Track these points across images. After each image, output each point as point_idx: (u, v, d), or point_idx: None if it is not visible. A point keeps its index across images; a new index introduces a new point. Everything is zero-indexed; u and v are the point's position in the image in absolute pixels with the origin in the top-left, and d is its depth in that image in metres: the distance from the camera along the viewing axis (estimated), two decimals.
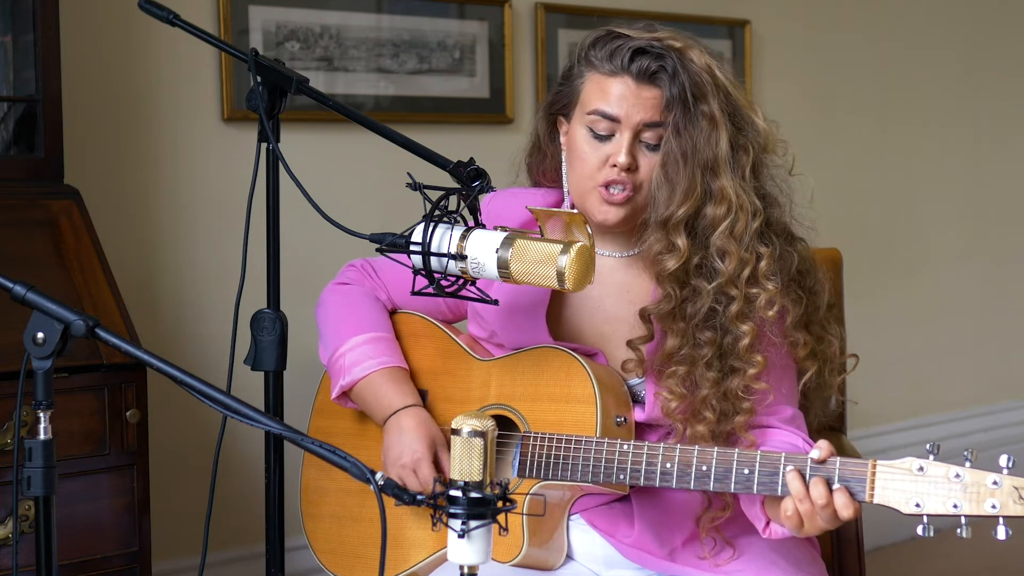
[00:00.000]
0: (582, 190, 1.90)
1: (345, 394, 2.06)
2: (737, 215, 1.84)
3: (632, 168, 1.86)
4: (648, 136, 1.86)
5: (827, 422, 2.22)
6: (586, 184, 1.89)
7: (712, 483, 1.76)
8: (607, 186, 1.87)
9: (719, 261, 1.84)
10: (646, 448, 1.80)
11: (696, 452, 1.77)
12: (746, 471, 1.74)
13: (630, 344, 1.90)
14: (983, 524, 1.63)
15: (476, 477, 1.49)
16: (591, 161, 1.88)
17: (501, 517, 1.50)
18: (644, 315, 1.89)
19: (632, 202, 1.87)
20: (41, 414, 1.51)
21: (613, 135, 1.86)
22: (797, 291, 1.91)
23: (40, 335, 1.50)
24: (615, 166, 1.85)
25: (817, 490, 1.68)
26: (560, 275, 1.68)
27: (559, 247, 1.69)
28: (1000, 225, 4.46)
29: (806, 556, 1.98)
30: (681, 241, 1.84)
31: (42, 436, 1.51)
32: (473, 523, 1.47)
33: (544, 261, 1.69)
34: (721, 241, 1.84)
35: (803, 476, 1.70)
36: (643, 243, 1.90)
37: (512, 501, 1.50)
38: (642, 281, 1.93)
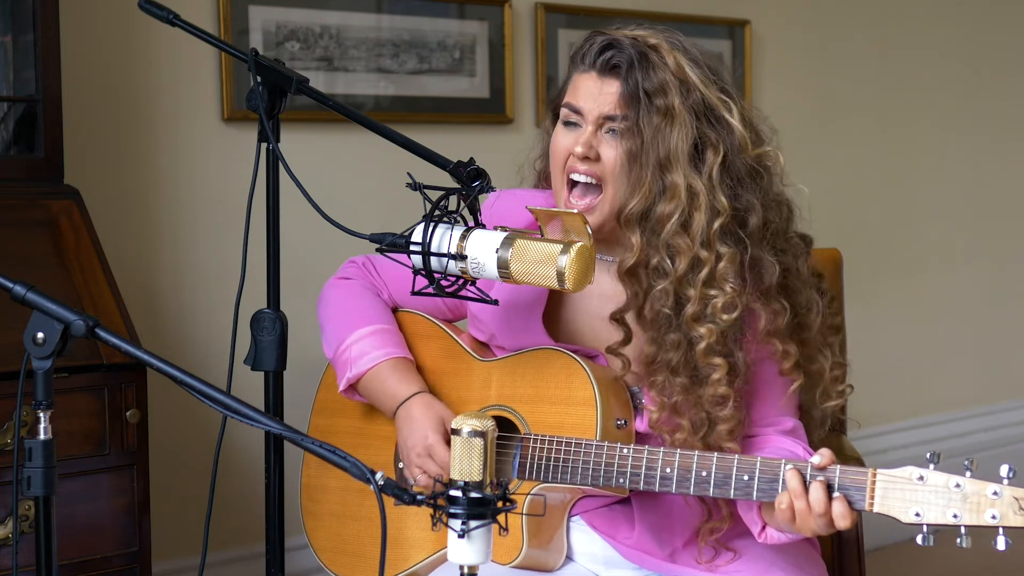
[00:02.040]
0: (557, 187, 1.92)
1: (352, 387, 2.06)
2: (689, 213, 1.82)
3: (593, 158, 1.86)
4: (614, 126, 1.86)
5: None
6: (557, 178, 1.91)
7: (712, 488, 1.75)
8: (571, 188, 1.88)
9: (669, 260, 1.83)
10: (646, 452, 1.80)
11: (696, 457, 1.77)
12: (745, 477, 1.73)
13: (608, 350, 1.90)
14: (983, 533, 1.62)
15: (476, 477, 1.49)
16: (559, 151, 1.89)
17: (501, 517, 1.50)
18: (614, 317, 1.89)
19: (596, 210, 1.86)
20: (41, 414, 1.51)
21: (580, 126, 1.88)
22: (779, 300, 1.87)
23: (40, 335, 1.50)
24: (574, 155, 1.86)
25: (816, 495, 1.67)
26: (560, 275, 1.68)
27: (559, 247, 1.69)
28: (1000, 225, 4.46)
29: (806, 556, 1.98)
30: (635, 238, 1.84)
31: (42, 436, 1.51)
32: (473, 523, 1.47)
33: (544, 261, 1.69)
34: (672, 239, 1.82)
35: (803, 476, 1.69)
36: None
37: (512, 501, 1.50)
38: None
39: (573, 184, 1.88)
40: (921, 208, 4.21)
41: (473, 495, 1.48)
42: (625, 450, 1.81)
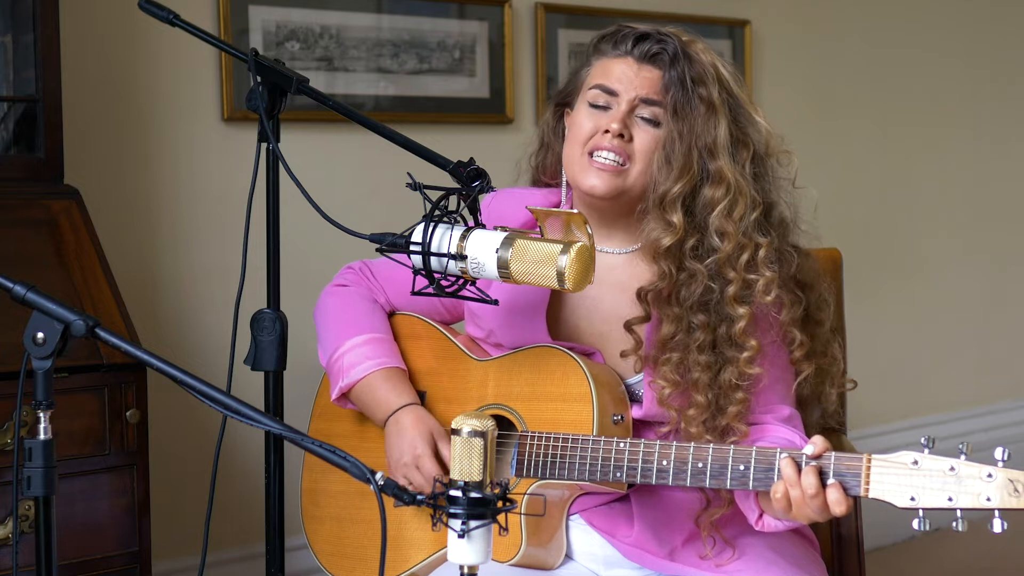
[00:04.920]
0: (573, 159, 1.93)
1: (344, 396, 2.06)
2: (736, 198, 1.87)
3: (626, 137, 1.88)
4: (646, 112, 1.90)
5: (827, 422, 2.22)
6: (576, 151, 1.92)
7: (708, 480, 1.76)
8: (595, 152, 1.89)
9: (717, 240, 1.86)
10: (642, 446, 1.81)
11: (692, 449, 1.78)
12: (741, 467, 1.74)
13: (627, 325, 1.91)
14: (979, 518, 1.63)
15: (476, 477, 1.49)
16: (585, 129, 1.92)
17: (501, 517, 1.50)
18: (640, 295, 1.90)
19: (623, 176, 1.89)
20: (41, 414, 1.51)
21: (610, 108, 1.91)
22: (796, 291, 1.92)
23: (40, 335, 1.50)
24: (607, 132, 1.88)
25: (808, 479, 1.68)
26: (560, 275, 1.68)
27: (559, 247, 1.69)
28: (1000, 225, 4.46)
29: (806, 556, 1.98)
30: (677, 218, 1.87)
31: (42, 436, 1.51)
32: (473, 523, 1.47)
33: (544, 261, 1.69)
34: (719, 222, 1.87)
35: (797, 464, 1.70)
36: (643, 234, 1.91)
37: (512, 501, 1.50)
38: (642, 278, 1.94)
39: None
40: (921, 208, 4.21)
41: (473, 495, 1.48)
42: (621, 444, 1.82)
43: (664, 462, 1.79)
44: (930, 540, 3.93)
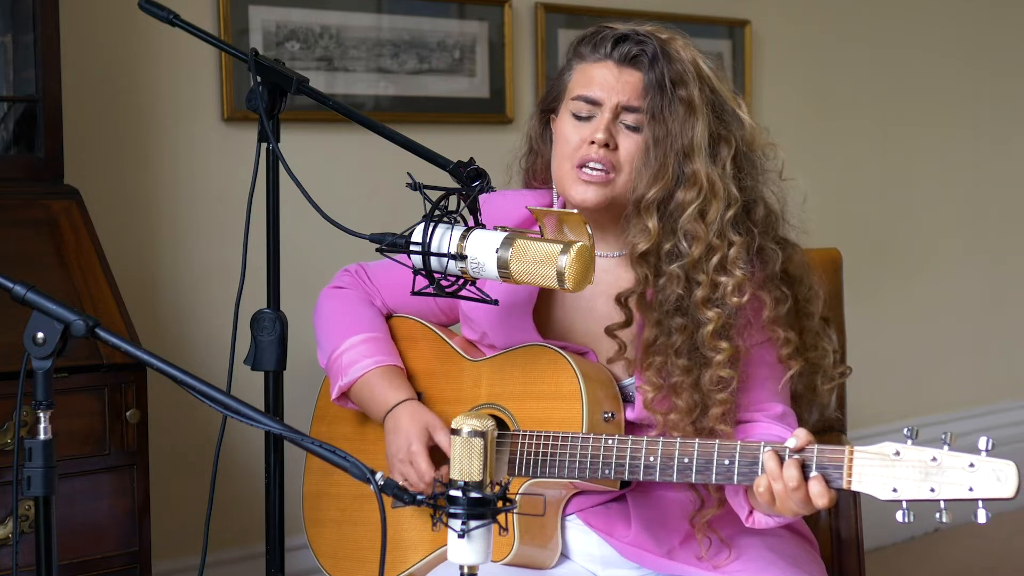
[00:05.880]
0: (562, 172, 1.92)
1: (344, 395, 2.06)
2: (708, 200, 1.86)
3: (610, 146, 1.88)
4: (628, 119, 1.89)
5: (826, 423, 2.22)
6: (565, 165, 1.92)
7: (694, 475, 1.76)
8: (583, 165, 1.89)
9: (686, 244, 1.86)
10: (630, 442, 1.81)
11: (678, 444, 1.78)
12: (726, 462, 1.74)
13: (607, 330, 1.91)
14: (965, 508, 1.60)
15: (476, 477, 1.49)
16: (572, 141, 1.91)
17: (501, 517, 1.50)
18: (619, 299, 1.90)
19: (611, 185, 1.89)
20: (41, 414, 1.51)
21: (593, 117, 1.90)
22: (781, 288, 1.91)
23: (40, 335, 1.50)
24: (593, 143, 1.88)
25: (789, 472, 1.67)
26: (560, 275, 1.68)
27: (559, 247, 1.69)
28: (1000, 225, 4.46)
29: (805, 555, 1.98)
30: (652, 223, 1.86)
31: (42, 436, 1.51)
32: (473, 523, 1.47)
33: (544, 261, 1.69)
34: (690, 225, 1.86)
35: (780, 457, 1.70)
36: (626, 238, 1.91)
37: (512, 501, 1.50)
38: (632, 281, 1.94)
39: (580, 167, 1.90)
40: (921, 208, 4.21)
41: (473, 495, 1.48)
42: (609, 441, 1.82)
43: (651, 458, 1.79)
44: (930, 540, 3.93)
